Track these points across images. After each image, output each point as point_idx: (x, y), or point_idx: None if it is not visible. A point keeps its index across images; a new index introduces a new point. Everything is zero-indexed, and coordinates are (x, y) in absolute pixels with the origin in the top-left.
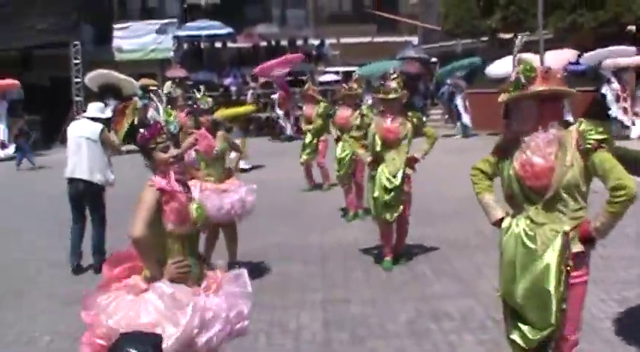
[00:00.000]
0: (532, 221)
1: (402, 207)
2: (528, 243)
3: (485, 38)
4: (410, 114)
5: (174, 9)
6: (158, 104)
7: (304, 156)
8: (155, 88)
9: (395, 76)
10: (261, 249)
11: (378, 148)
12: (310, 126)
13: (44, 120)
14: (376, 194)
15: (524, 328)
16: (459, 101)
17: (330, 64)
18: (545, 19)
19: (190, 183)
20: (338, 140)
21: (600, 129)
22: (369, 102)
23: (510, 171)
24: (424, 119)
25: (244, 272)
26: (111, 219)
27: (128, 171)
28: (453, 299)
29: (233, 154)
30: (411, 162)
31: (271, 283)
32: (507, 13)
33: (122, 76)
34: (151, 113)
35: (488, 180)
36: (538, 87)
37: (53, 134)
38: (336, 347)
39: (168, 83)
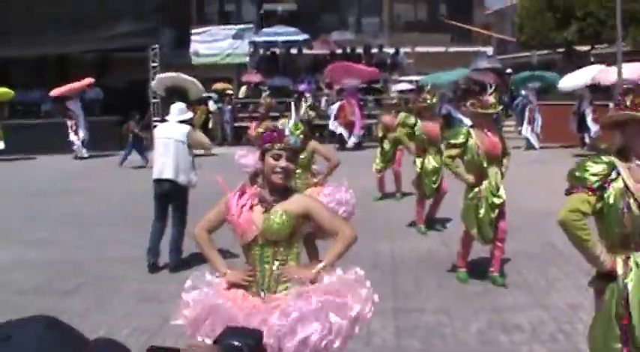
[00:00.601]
0: None
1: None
2: None
3: (561, 50)
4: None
5: (251, 14)
6: (293, 114)
7: (380, 164)
8: (228, 91)
9: (492, 90)
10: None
11: (485, 164)
12: (389, 135)
13: (122, 121)
14: (482, 213)
15: None
16: (526, 114)
17: (404, 73)
18: (623, 30)
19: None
20: (421, 153)
21: None
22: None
23: (632, 207)
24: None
25: (362, 274)
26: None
27: (206, 174)
28: (524, 311)
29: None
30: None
31: None
32: (584, 25)
33: (189, 79)
34: (282, 121)
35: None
36: None
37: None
38: None
39: (244, 88)
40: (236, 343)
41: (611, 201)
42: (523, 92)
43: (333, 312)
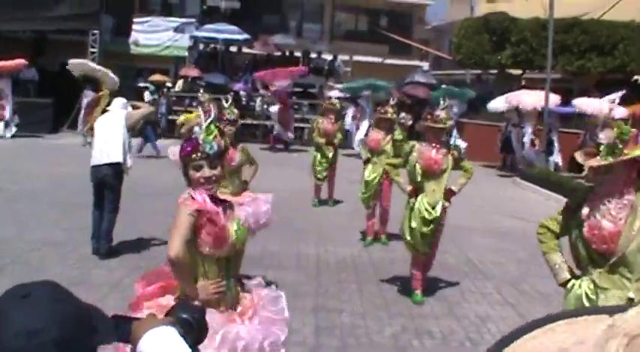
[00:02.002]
0: (595, 284)
1: (437, 238)
2: (588, 305)
3: (494, 71)
4: (452, 146)
5: (194, 8)
6: (203, 120)
7: (323, 173)
8: (167, 84)
9: (443, 106)
10: (258, 255)
11: (419, 178)
12: (321, 140)
13: (54, 104)
14: (414, 225)
15: None
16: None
17: (340, 80)
18: (554, 59)
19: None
20: (367, 162)
21: None
22: (350, 114)
23: (579, 232)
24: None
25: (282, 295)
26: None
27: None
28: (437, 319)
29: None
30: (448, 195)
31: None
32: (517, 51)
33: (101, 69)
34: (196, 128)
35: (555, 239)
36: (636, 151)
37: (63, 119)
38: None
39: (181, 81)
40: (185, 316)
41: (574, 226)
42: (455, 109)
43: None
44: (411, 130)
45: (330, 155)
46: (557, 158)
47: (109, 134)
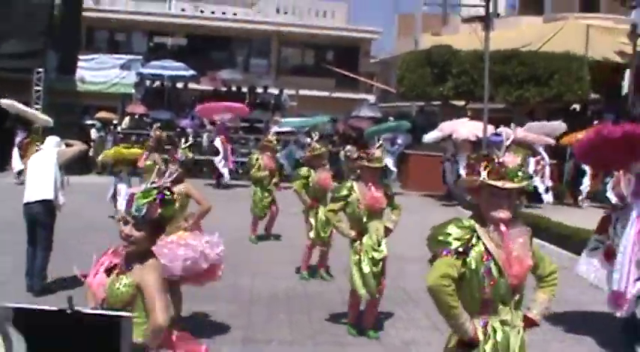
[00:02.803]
0: (506, 323)
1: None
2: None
3: (437, 103)
4: (382, 181)
5: (140, 45)
6: (142, 184)
7: (264, 210)
8: (114, 121)
9: (378, 145)
10: (188, 288)
11: (365, 219)
12: (263, 174)
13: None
14: (366, 270)
15: None
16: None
17: (286, 115)
18: (495, 90)
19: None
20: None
21: None
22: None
23: (493, 272)
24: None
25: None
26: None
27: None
28: (364, 346)
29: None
30: (385, 232)
31: (196, 318)
32: (459, 82)
33: (27, 110)
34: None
35: None
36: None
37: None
38: None
39: (127, 118)
40: None
41: (473, 265)
42: (399, 141)
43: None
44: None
45: (270, 191)
46: None
47: (41, 172)
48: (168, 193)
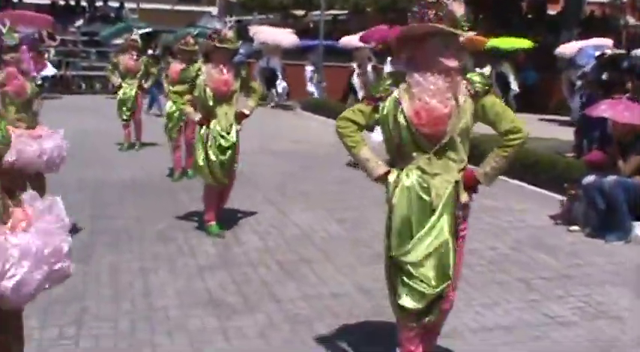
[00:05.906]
0: (424, 171)
1: (236, 165)
2: (423, 195)
3: (277, 14)
4: (240, 66)
5: None
6: None
7: (127, 114)
8: None
9: (229, 26)
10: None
11: (211, 103)
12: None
13: None
14: (213, 157)
15: (420, 287)
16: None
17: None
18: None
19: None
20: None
21: (485, 76)
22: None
23: (400, 119)
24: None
25: (58, 201)
26: None
27: None
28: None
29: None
30: (240, 118)
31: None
32: None
33: None
34: None
35: (360, 132)
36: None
37: None
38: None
39: None
40: None
41: (385, 112)
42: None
43: None
44: None
45: (133, 93)
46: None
47: None
48: None
